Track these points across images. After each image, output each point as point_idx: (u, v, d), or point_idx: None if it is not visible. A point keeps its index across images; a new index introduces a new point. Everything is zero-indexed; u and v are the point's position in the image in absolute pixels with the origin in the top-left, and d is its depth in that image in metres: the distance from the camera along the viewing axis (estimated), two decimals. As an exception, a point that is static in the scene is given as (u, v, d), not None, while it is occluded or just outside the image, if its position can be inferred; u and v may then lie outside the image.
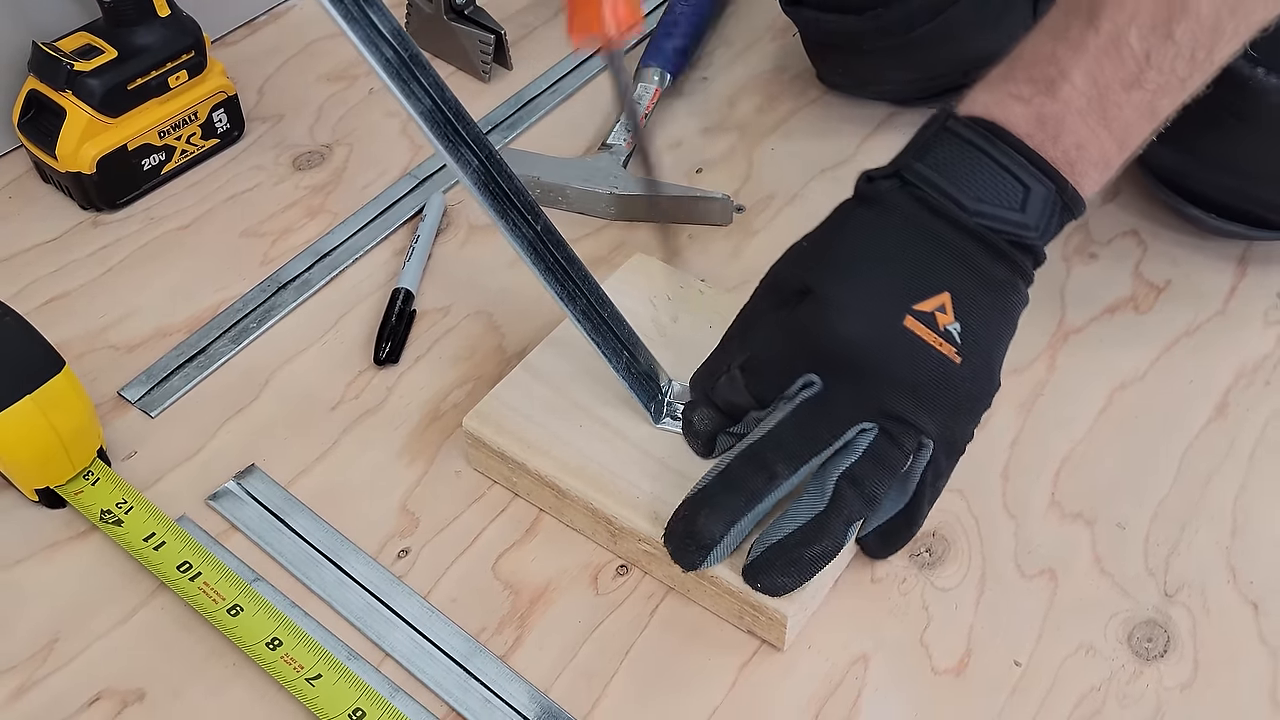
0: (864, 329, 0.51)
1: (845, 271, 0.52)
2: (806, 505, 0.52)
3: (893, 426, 0.51)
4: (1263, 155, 0.65)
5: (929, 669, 0.55)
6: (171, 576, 0.56)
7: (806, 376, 0.52)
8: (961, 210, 0.51)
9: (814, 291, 0.52)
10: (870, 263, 0.52)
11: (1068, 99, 0.51)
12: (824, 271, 0.53)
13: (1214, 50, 0.51)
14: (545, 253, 0.55)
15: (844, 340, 0.51)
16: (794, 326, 0.53)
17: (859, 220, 0.53)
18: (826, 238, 0.54)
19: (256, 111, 0.82)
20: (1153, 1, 0.50)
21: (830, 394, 0.52)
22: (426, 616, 0.56)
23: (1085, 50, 0.50)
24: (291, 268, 0.72)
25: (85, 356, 0.67)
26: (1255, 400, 0.65)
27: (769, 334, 0.54)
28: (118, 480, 0.59)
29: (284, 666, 0.53)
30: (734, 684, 0.54)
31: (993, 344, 0.52)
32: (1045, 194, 0.51)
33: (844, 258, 0.53)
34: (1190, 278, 0.72)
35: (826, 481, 0.52)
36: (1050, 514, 0.60)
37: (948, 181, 0.51)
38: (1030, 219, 0.51)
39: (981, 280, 0.52)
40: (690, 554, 0.52)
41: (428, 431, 0.63)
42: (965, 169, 0.51)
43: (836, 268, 0.53)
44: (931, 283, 0.51)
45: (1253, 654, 0.55)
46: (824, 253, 0.54)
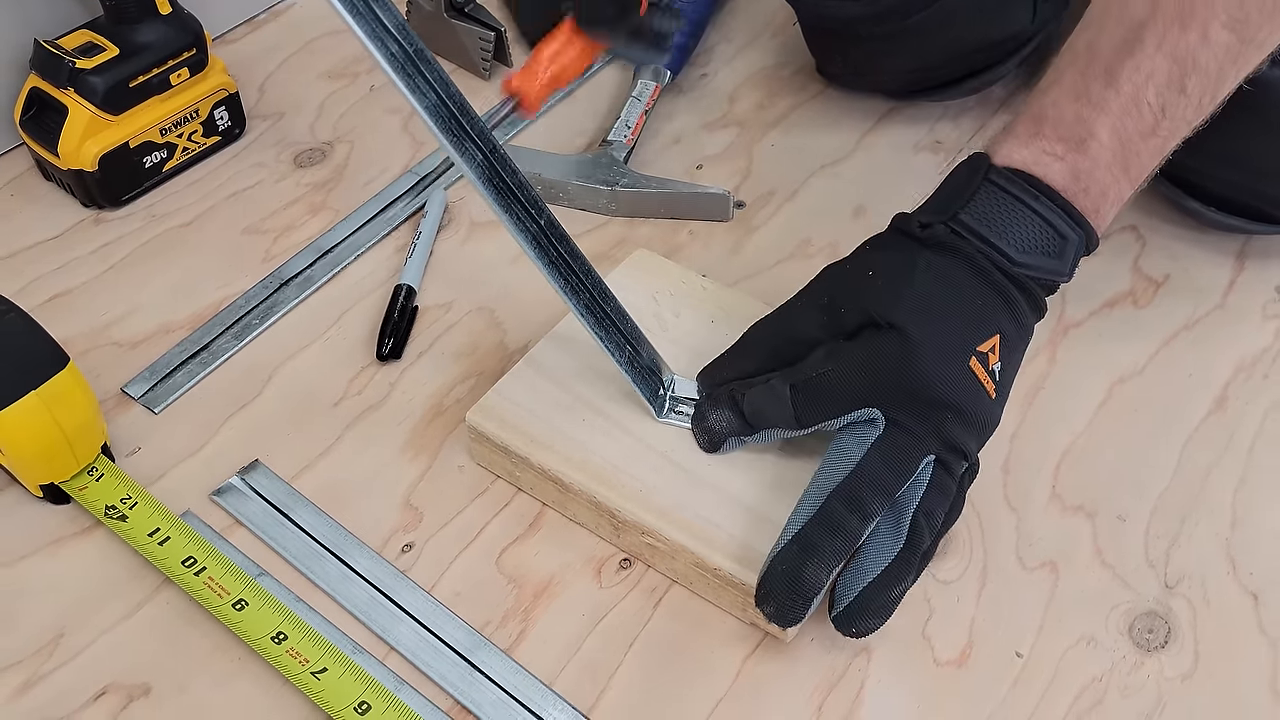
0: (942, 369, 0.53)
1: (926, 313, 0.54)
2: (887, 543, 0.52)
3: (948, 456, 0.53)
4: (1265, 149, 0.66)
5: (931, 661, 0.55)
6: (176, 571, 0.56)
7: (868, 410, 0.53)
8: (1009, 261, 0.54)
9: (896, 328, 0.53)
10: (945, 305, 0.54)
11: (1096, 155, 0.55)
12: (905, 311, 0.54)
13: (1217, 95, 0.56)
14: (549, 247, 0.55)
15: (926, 379, 0.53)
16: (867, 359, 0.54)
17: (928, 263, 0.55)
18: (898, 274, 0.55)
19: (258, 109, 0.82)
20: (1166, 62, 0.54)
21: (901, 428, 0.53)
22: (431, 610, 0.56)
23: (1108, 110, 0.55)
24: (293, 264, 0.72)
25: (88, 353, 0.67)
26: (1254, 393, 0.66)
27: (833, 361, 0.54)
28: (122, 476, 0.60)
29: (289, 660, 0.53)
30: (738, 676, 0.54)
31: (1013, 377, 0.56)
32: (1077, 241, 0.55)
33: (922, 299, 0.54)
34: (1189, 272, 0.72)
35: (903, 517, 0.52)
36: (1051, 507, 0.61)
37: (994, 233, 0.55)
38: (1064, 265, 0.56)
39: (1018, 324, 0.56)
40: (795, 609, 0.51)
41: (431, 427, 0.64)
42: (1009, 220, 0.55)
43: (918, 309, 0.54)
44: (988, 328, 0.54)
45: (1253, 644, 0.55)
46: (899, 290, 0.54)
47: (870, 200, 0.76)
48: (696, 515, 0.55)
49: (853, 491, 0.52)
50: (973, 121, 0.82)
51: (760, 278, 0.72)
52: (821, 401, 0.54)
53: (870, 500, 0.52)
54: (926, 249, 0.55)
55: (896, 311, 0.54)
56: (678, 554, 0.55)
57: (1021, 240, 0.55)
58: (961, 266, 0.55)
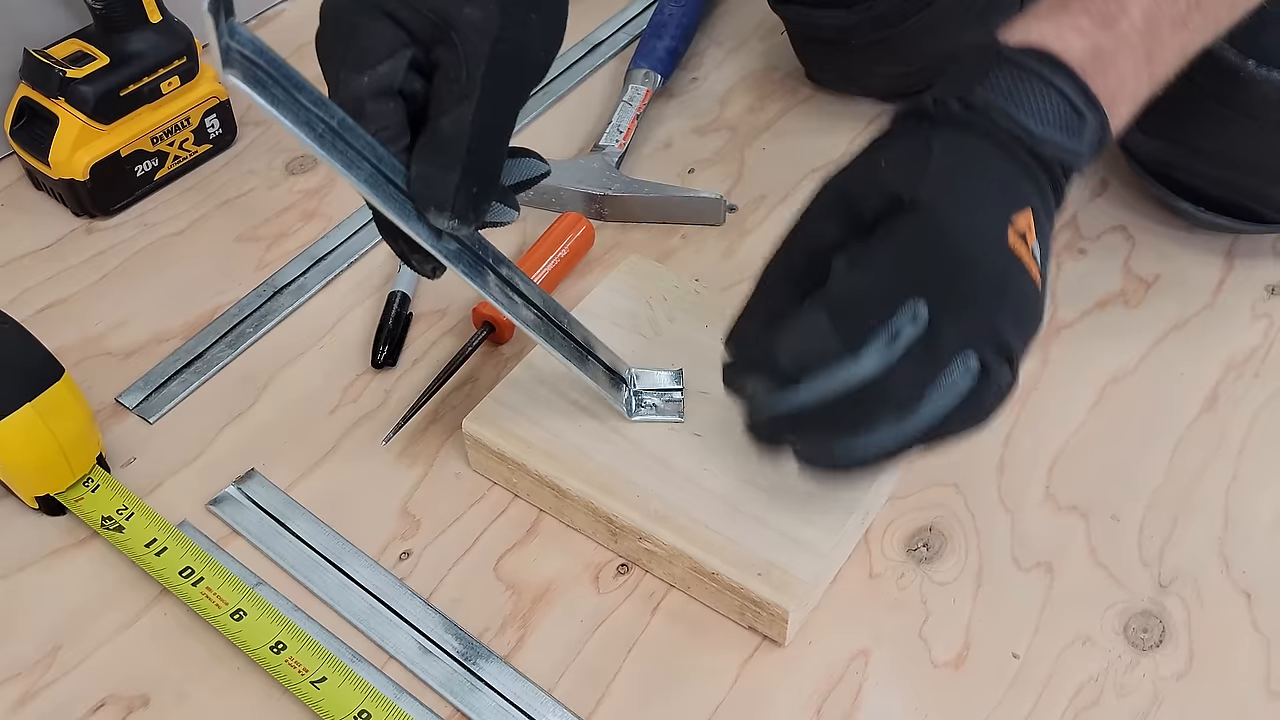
0: (982, 245, 0.47)
1: (952, 186, 0.48)
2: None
3: (991, 358, 0.47)
4: (1252, 147, 0.66)
5: (928, 662, 0.55)
6: (174, 582, 0.56)
7: (914, 304, 0.46)
8: (1030, 136, 0.49)
9: (920, 205, 0.47)
10: (970, 176, 0.49)
11: (1124, 34, 0.51)
12: (929, 185, 0.47)
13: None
14: (491, 278, 0.53)
15: (964, 257, 0.47)
16: (896, 242, 0.47)
17: (946, 137, 0.49)
18: (914, 155, 0.49)
19: (249, 116, 0.82)
20: None
21: (941, 325, 0.46)
22: (429, 618, 0.56)
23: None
24: (287, 272, 0.72)
25: (82, 363, 0.67)
26: (1244, 392, 0.66)
27: (860, 265, 0.47)
28: (118, 487, 0.60)
29: (289, 670, 0.53)
30: (736, 680, 0.54)
31: (1049, 267, 0.50)
32: (1096, 125, 0.50)
33: (946, 172, 0.48)
34: (1179, 272, 0.73)
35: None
36: (1045, 507, 0.61)
37: (1014, 106, 0.49)
38: (1082, 145, 0.50)
39: (1044, 203, 0.50)
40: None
41: (427, 434, 0.64)
42: (1028, 95, 0.49)
43: (943, 182, 0.48)
44: (1021, 200, 0.49)
45: (1247, 642, 0.56)
46: (920, 166, 0.48)
47: (862, 203, 0.77)
48: (693, 519, 0.55)
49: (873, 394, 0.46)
50: (963, 123, 0.83)
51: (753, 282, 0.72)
52: (860, 311, 0.46)
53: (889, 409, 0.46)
54: (941, 127, 0.50)
55: (920, 187, 0.47)
56: (675, 559, 0.55)
57: (1040, 113, 0.49)
58: (981, 141, 0.49)
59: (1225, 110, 0.64)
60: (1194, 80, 0.64)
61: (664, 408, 0.59)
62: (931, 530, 0.60)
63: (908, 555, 0.59)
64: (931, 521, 0.60)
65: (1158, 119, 0.69)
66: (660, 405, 0.59)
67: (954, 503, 0.61)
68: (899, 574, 0.58)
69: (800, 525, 0.55)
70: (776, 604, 0.53)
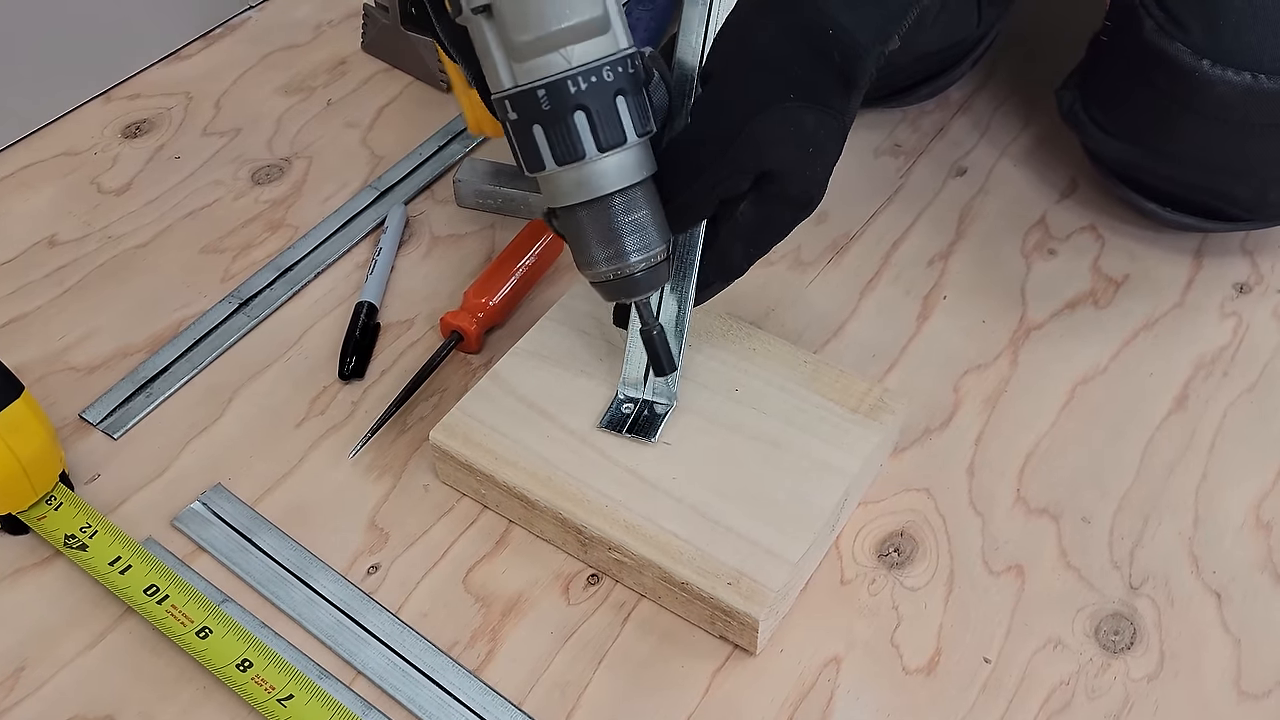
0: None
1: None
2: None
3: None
4: (1212, 146, 0.66)
5: (900, 669, 0.55)
6: (139, 600, 0.55)
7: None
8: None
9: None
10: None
11: None
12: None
13: None
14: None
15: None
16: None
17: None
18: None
19: (214, 125, 0.82)
20: None
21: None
22: (398, 633, 0.56)
23: None
24: (253, 283, 0.71)
25: (45, 379, 0.66)
26: (1214, 391, 0.66)
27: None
28: (81, 504, 0.59)
29: (255, 688, 0.52)
30: (708, 690, 0.54)
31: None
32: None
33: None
34: (1148, 271, 0.73)
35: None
36: (1016, 510, 0.61)
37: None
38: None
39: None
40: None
41: (395, 446, 0.63)
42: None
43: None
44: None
45: (1217, 642, 0.56)
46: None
47: (832, 206, 0.76)
48: (662, 529, 0.55)
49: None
50: (932, 125, 0.83)
51: (723, 286, 0.72)
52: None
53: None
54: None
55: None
56: (645, 569, 0.55)
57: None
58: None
59: (1185, 112, 0.64)
60: (1153, 82, 0.65)
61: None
62: (903, 535, 0.60)
63: (879, 561, 0.59)
64: (903, 526, 0.60)
65: (1120, 122, 0.70)
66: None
67: (925, 507, 0.61)
68: (870, 580, 0.58)
69: (770, 533, 0.55)
70: (746, 613, 0.53)
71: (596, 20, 0.49)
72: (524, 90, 0.50)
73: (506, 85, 0.50)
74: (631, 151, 0.51)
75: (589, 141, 0.50)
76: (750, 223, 0.54)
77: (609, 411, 0.59)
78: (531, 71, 0.49)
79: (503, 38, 0.49)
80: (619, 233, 0.52)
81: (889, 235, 0.75)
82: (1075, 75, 0.73)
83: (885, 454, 0.62)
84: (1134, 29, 0.65)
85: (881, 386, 0.61)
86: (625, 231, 0.52)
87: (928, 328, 0.69)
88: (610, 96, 0.50)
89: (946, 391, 0.66)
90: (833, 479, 0.57)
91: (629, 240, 0.52)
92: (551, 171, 0.51)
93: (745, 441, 0.58)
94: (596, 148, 0.50)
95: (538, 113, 0.50)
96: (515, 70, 0.50)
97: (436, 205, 0.77)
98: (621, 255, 0.52)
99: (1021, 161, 0.80)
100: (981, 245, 0.74)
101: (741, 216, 0.54)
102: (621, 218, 0.52)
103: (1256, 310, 0.71)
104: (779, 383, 0.61)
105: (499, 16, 0.49)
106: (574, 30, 0.49)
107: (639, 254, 0.52)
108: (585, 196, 0.51)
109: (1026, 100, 0.84)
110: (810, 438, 0.58)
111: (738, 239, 0.55)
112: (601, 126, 0.50)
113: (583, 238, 0.53)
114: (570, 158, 0.50)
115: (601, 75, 0.49)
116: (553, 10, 0.48)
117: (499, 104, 0.51)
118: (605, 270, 0.53)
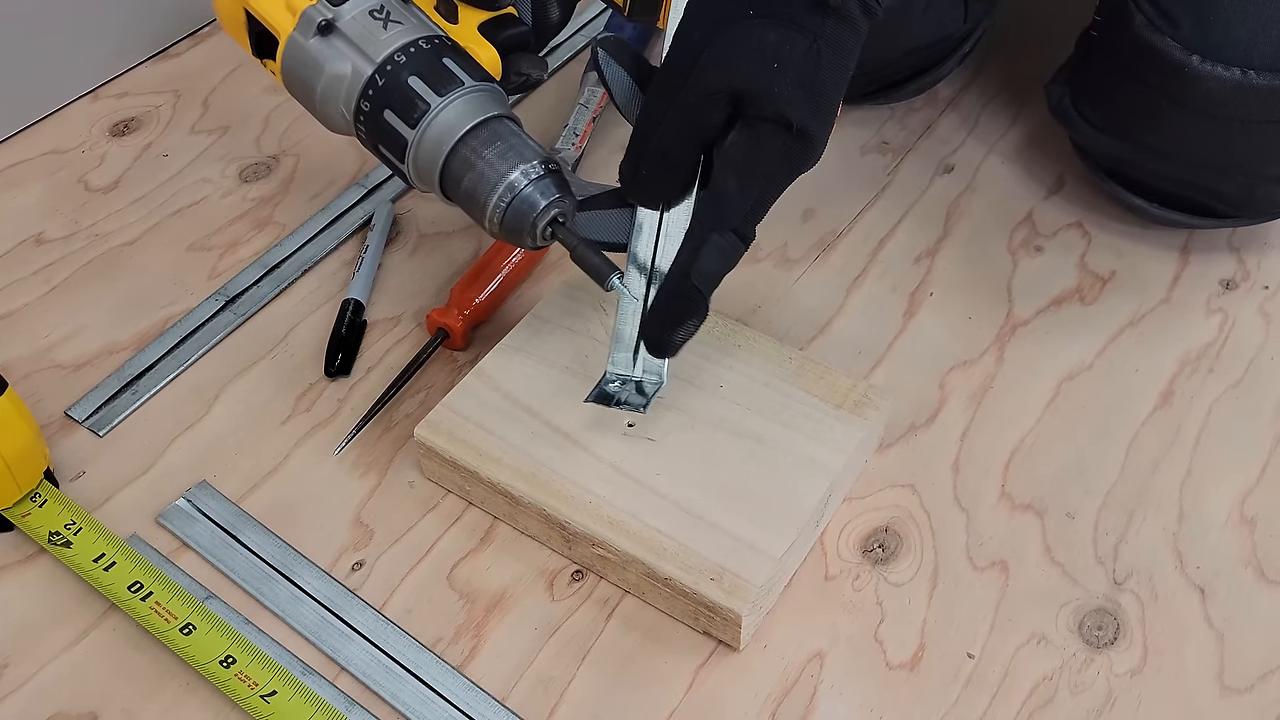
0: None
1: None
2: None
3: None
4: (1200, 142, 0.66)
5: (883, 664, 0.55)
6: (123, 597, 0.55)
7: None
8: None
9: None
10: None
11: None
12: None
13: None
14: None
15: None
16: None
17: None
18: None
19: (202, 124, 0.82)
20: None
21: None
22: (382, 629, 0.56)
23: None
24: (240, 281, 0.71)
25: (31, 377, 0.66)
26: (1199, 387, 0.66)
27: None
28: (66, 501, 0.59)
29: (238, 684, 0.52)
30: (691, 685, 0.54)
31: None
32: None
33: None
34: (1134, 268, 0.73)
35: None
36: (1001, 506, 0.61)
37: None
38: None
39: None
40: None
41: (380, 443, 0.63)
42: None
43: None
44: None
45: (1200, 637, 0.56)
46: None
47: (819, 203, 0.76)
48: (645, 525, 0.55)
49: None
50: (919, 122, 0.83)
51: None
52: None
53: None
54: None
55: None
56: (629, 564, 0.55)
57: None
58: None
59: (1173, 107, 0.64)
60: (1142, 77, 0.65)
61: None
62: (887, 531, 0.60)
63: (863, 556, 0.59)
64: (887, 522, 0.60)
65: (1109, 117, 0.70)
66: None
67: (910, 503, 0.61)
68: (854, 575, 0.58)
69: (754, 529, 0.55)
70: (730, 609, 0.53)
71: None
72: (369, 79, 0.54)
73: (357, 93, 0.55)
74: (473, 94, 0.54)
75: (429, 94, 0.53)
76: (739, 155, 0.52)
77: (597, 388, 0.57)
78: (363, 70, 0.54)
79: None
80: (490, 162, 0.53)
81: (876, 232, 0.75)
82: (1064, 70, 0.73)
83: (870, 450, 0.62)
84: (1124, 24, 0.65)
85: (866, 383, 0.61)
86: (496, 157, 0.53)
87: (914, 324, 0.70)
88: (436, 58, 0.54)
89: (932, 388, 0.66)
90: (817, 475, 0.57)
91: (501, 164, 0.53)
92: (413, 139, 0.54)
93: (729, 438, 0.58)
94: (436, 95, 0.53)
95: (383, 97, 0.54)
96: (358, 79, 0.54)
97: (424, 203, 0.77)
98: (501, 180, 0.53)
99: (1009, 158, 0.80)
100: (968, 242, 0.74)
101: (730, 148, 0.52)
102: (486, 149, 0.54)
103: (1242, 307, 0.71)
104: (764, 379, 0.61)
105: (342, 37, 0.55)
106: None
107: (516, 170, 0.53)
108: (446, 146, 0.53)
109: (1014, 97, 0.84)
110: (795, 434, 0.59)
111: (731, 175, 0.52)
112: (434, 81, 0.54)
113: (467, 189, 0.54)
114: (417, 113, 0.53)
115: (419, 46, 0.54)
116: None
117: (362, 123, 0.55)
118: (497, 203, 0.53)
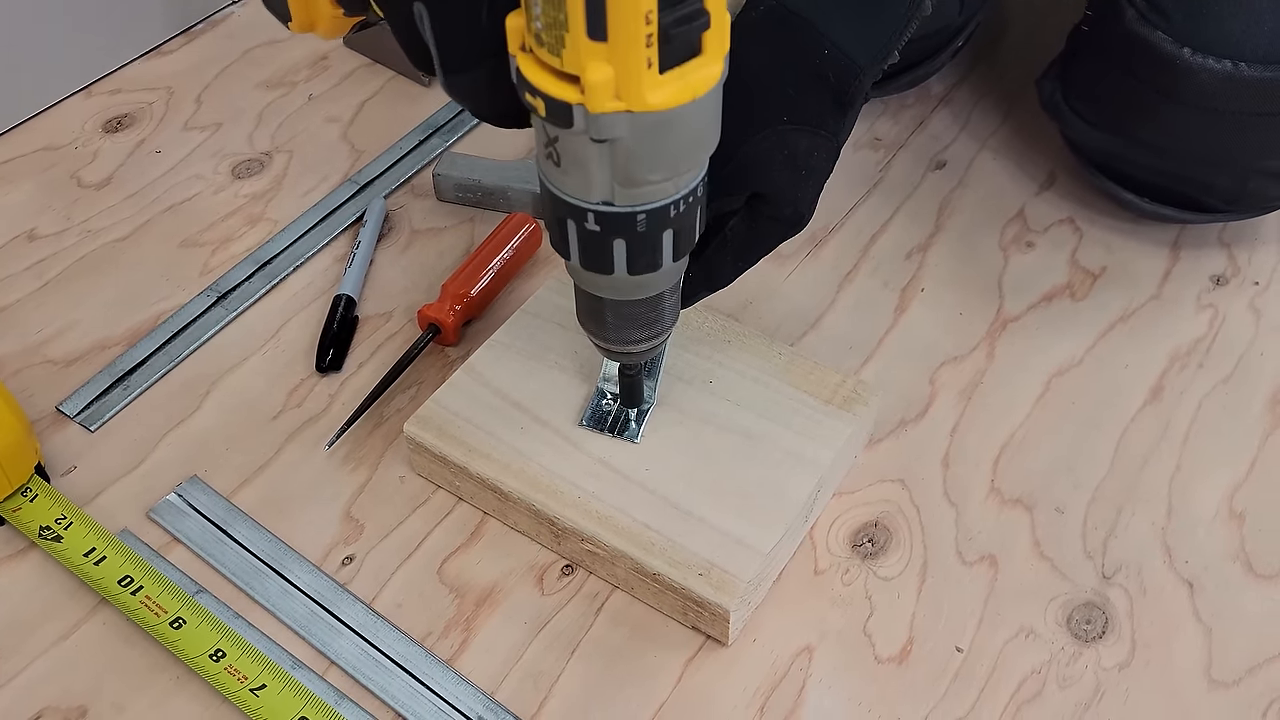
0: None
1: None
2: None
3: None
4: (1192, 136, 0.66)
5: (872, 658, 0.55)
6: (113, 591, 0.55)
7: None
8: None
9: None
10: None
11: None
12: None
13: None
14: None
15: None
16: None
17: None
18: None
19: (194, 120, 0.82)
20: None
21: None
22: (371, 623, 0.56)
23: None
24: (232, 276, 0.71)
25: (22, 372, 0.66)
26: (1189, 383, 0.67)
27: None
28: (57, 496, 0.59)
29: (228, 678, 0.53)
30: (680, 680, 0.54)
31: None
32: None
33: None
34: (1125, 264, 0.73)
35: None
36: (990, 500, 0.61)
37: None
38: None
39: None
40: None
41: (371, 438, 0.63)
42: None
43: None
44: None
45: (1188, 631, 0.56)
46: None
47: (811, 199, 0.77)
48: (635, 520, 0.55)
49: None
50: (912, 118, 0.83)
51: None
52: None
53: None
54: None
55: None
56: (617, 560, 0.55)
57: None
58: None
59: (1165, 100, 0.64)
60: (1134, 71, 0.65)
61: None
62: (877, 525, 0.60)
63: (853, 551, 0.59)
64: (877, 517, 0.60)
65: (1101, 111, 0.70)
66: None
67: (899, 498, 0.61)
68: (844, 570, 0.58)
69: (742, 525, 0.55)
70: (718, 604, 0.53)
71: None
72: (621, 212, 0.45)
73: (596, 200, 0.45)
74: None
75: (669, 255, 0.48)
76: (741, 239, 0.55)
77: (590, 407, 0.59)
78: (635, 198, 0.45)
79: (619, 165, 0.43)
80: (660, 315, 0.52)
81: (868, 228, 0.75)
82: (1056, 65, 0.73)
83: (859, 445, 0.62)
84: (1115, 17, 0.65)
85: (856, 378, 0.61)
86: (665, 313, 0.52)
87: (905, 320, 0.70)
88: (696, 213, 0.47)
89: (923, 383, 0.66)
90: (806, 470, 0.57)
91: (667, 319, 0.53)
92: (619, 277, 0.48)
93: (718, 433, 0.59)
94: (672, 259, 0.48)
95: (628, 232, 0.46)
96: (617, 192, 0.44)
97: (416, 199, 0.77)
98: (661, 332, 0.53)
99: (1001, 154, 0.80)
100: (960, 238, 0.75)
101: (731, 233, 0.54)
102: (666, 303, 0.52)
103: (1233, 303, 0.71)
104: (753, 375, 0.61)
105: (626, 151, 0.43)
106: (695, 163, 0.46)
107: (667, 331, 0.53)
108: (645, 294, 0.50)
109: (1007, 93, 0.84)
110: (784, 429, 0.59)
111: (728, 254, 0.55)
112: (684, 241, 0.48)
113: (623, 320, 0.52)
114: (649, 269, 0.48)
115: (696, 194, 0.47)
116: (689, 153, 0.44)
117: (567, 205, 0.46)
118: (643, 344, 0.53)
